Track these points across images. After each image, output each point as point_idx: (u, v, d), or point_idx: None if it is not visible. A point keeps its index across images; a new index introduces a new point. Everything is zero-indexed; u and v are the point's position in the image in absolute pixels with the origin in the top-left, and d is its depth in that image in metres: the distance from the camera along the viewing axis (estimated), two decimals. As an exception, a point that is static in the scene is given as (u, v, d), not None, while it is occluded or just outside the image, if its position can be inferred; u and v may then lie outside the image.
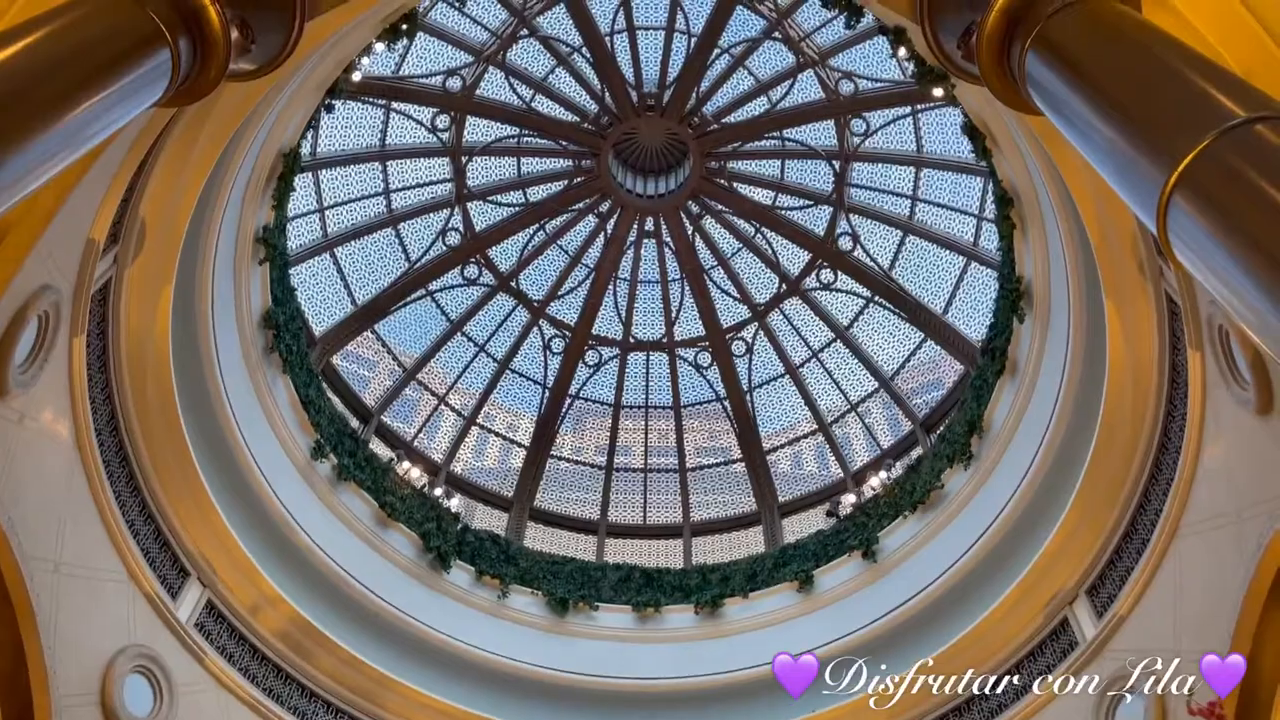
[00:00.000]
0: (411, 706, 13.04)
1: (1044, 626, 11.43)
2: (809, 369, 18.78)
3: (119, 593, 10.23)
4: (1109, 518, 10.70)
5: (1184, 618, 9.25)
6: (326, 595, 13.29)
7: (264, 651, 12.13)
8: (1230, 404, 8.31)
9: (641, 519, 18.74)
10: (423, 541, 15.21)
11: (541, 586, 15.69)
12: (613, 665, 14.66)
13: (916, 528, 14.35)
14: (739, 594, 15.59)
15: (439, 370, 19.34)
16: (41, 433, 9.06)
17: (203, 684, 11.08)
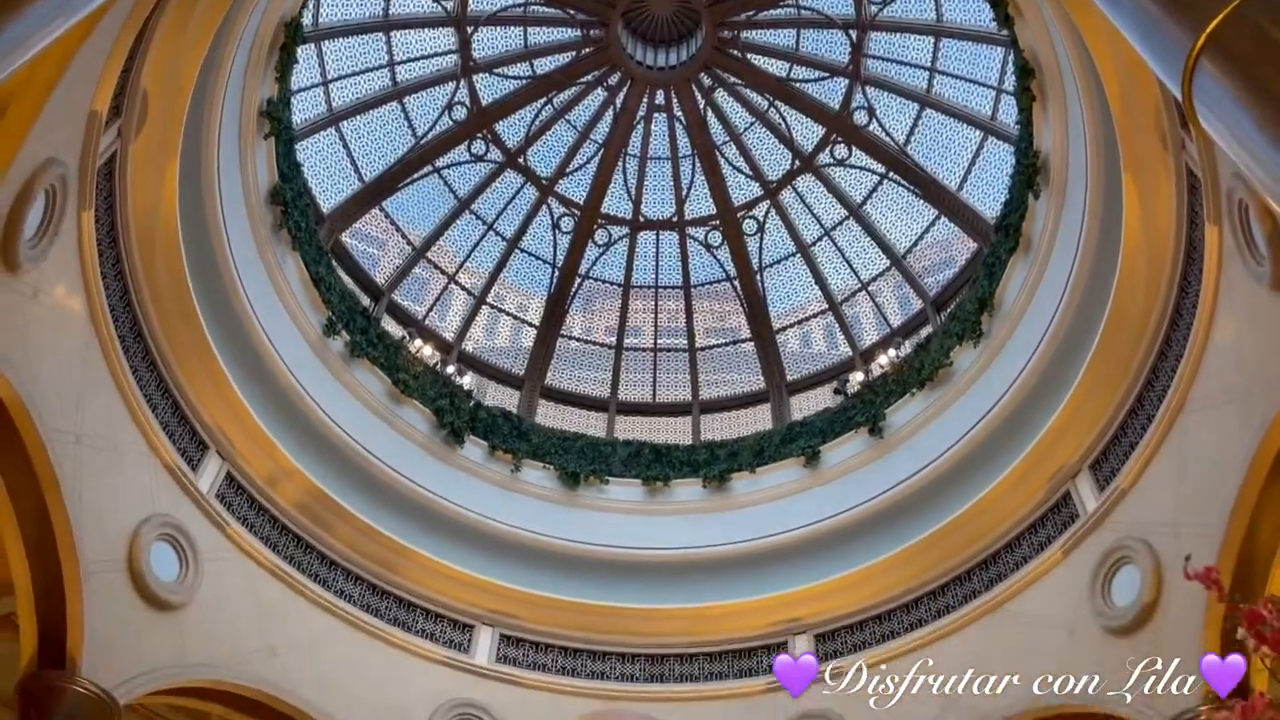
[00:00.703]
0: (428, 574, 13.45)
1: (1046, 500, 11.63)
2: (820, 247, 18.66)
3: (140, 464, 10.47)
4: (1116, 393, 10.76)
5: (1185, 492, 9.39)
6: (342, 469, 13.58)
7: (284, 522, 12.47)
8: (1245, 279, 8.25)
9: (651, 397, 18.95)
10: (436, 418, 15.44)
11: (553, 461, 15.99)
12: (622, 536, 15.04)
13: (923, 405, 14.48)
14: (746, 469, 15.86)
15: (448, 249, 19.27)
16: (55, 307, 9.12)
17: (226, 552, 11.43)
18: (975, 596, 11.97)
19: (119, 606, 9.95)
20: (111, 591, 9.87)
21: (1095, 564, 10.40)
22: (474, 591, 13.67)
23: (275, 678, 11.38)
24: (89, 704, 9.40)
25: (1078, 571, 10.63)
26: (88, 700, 9.39)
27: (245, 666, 11.18)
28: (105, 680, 9.61)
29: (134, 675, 9.97)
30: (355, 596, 12.83)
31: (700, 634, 13.73)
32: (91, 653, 9.55)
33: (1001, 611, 11.49)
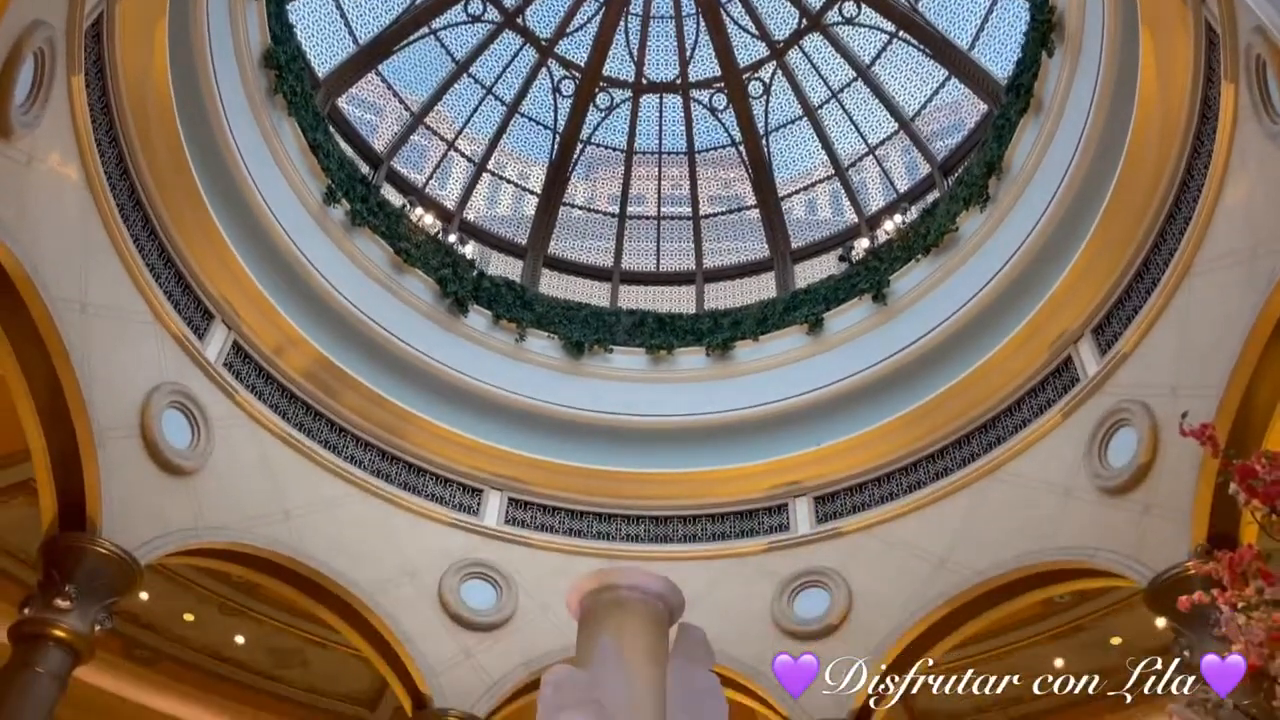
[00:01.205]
0: (436, 440, 13.69)
1: (1047, 365, 11.69)
2: (827, 110, 18.23)
3: (146, 333, 10.52)
4: (1122, 257, 10.70)
5: (1185, 355, 9.43)
6: (348, 337, 13.65)
7: (292, 390, 12.62)
8: (1259, 138, 8.09)
9: (655, 265, 18.87)
10: (439, 287, 15.43)
11: (557, 330, 16.06)
12: (627, 404, 15.23)
13: (928, 271, 14.42)
14: (749, 337, 15.93)
15: (447, 115, 18.88)
16: (51, 174, 9.00)
17: (236, 419, 11.61)
18: (973, 459, 12.18)
19: (134, 472, 10.16)
20: (126, 457, 10.07)
21: (1093, 426, 10.53)
22: (481, 457, 13.93)
23: (289, 540, 11.71)
24: (111, 564, 9.71)
25: (1075, 434, 10.78)
26: (109, 560, 9.69)
27: (260, 529, 11.49)
28: (125, 542, 9.90)
29: (153, 538, 10.27)
30: (365, 462, 13.08)
31: (703, 497, 14.05)
32: (110, 516, 9.81)
33: (999, 474, 11.71)
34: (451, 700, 12.14)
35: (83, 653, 9.37)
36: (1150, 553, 9.47)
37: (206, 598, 13.12)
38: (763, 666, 12.32)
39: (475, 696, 12.27)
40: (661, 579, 6.33)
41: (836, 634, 12.25)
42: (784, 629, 12.50)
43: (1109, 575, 10.14)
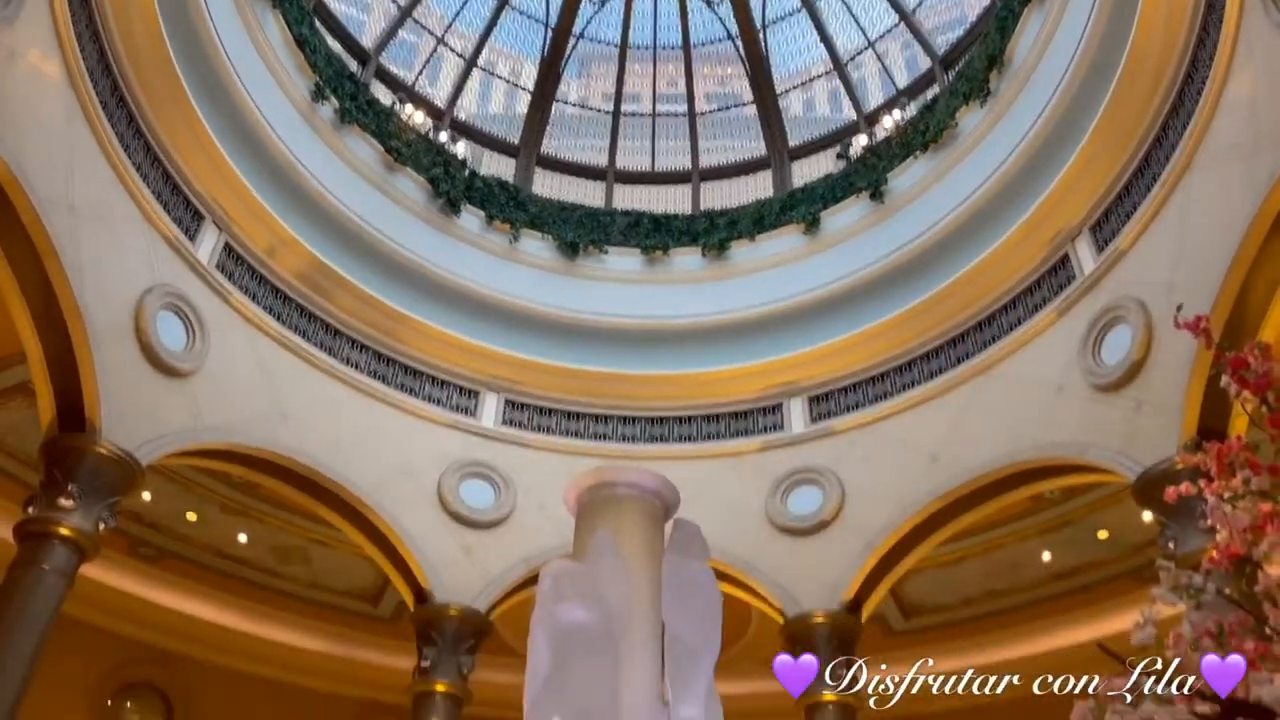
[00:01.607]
0: (430, 341, 13.70)
1: (1044, 263, 11.65)
2: (826, 2, 17.77)
3: (137, 233, 10.42)
4: (1123, 153, 10.56)
5: (1183, 252, 9.39)
6: (340, 238, 13.54)
7: (285, 291, 12.56)
8: (1266, 29, 7.92)
9: (650, 165, 18.63)
10: (431, 187, 15.24)
11: (551, 231, 15.93)
12: (622, 305, 15.20)
13: (926, 168, 14.25)
14: (746, 237, 15.83)
15: (435, 9, 18.39)
16: (32, 72, 8.80)
17: (231, 321, 11.58)
18: (968, 358, 12.23)
19: (131, 373, 10.18)
20: (122, 358, 10.08)
21: (1088, 324, 10.55)
22: (477, 358, 13.97)
23: (288, 440, 11.80)
24: (111, 464, 9.80)
25: (1070, 332, 10.81)
26: (110, 461, 9.78)
27: (258, 430, 11.57)
28: (125, 443, 9.97)
29: (152, 438, 10.34)
30: (361, 364, 13.12)
31: (699, 397, 14.14)
32: (109, 417, 9.86)
33: (993, 372, 11.78)
34: (452, 595, 12.42)
35: (88, 550, 9.53)
36: (1140, 448, 9.59)
37: (208, 498, 13.30)
38: (757, 561, 12.60)
39: (475, 591, 12.55)
40: (657, 476, 6.40)
41: (829, 529, 12.48)
42: (778, 525, 12.73)
43: (1099, 470, 10.28)
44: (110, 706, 13.65)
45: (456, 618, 12.30)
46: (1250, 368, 3.37)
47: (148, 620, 13.95)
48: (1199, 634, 2.89)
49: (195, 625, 14.20)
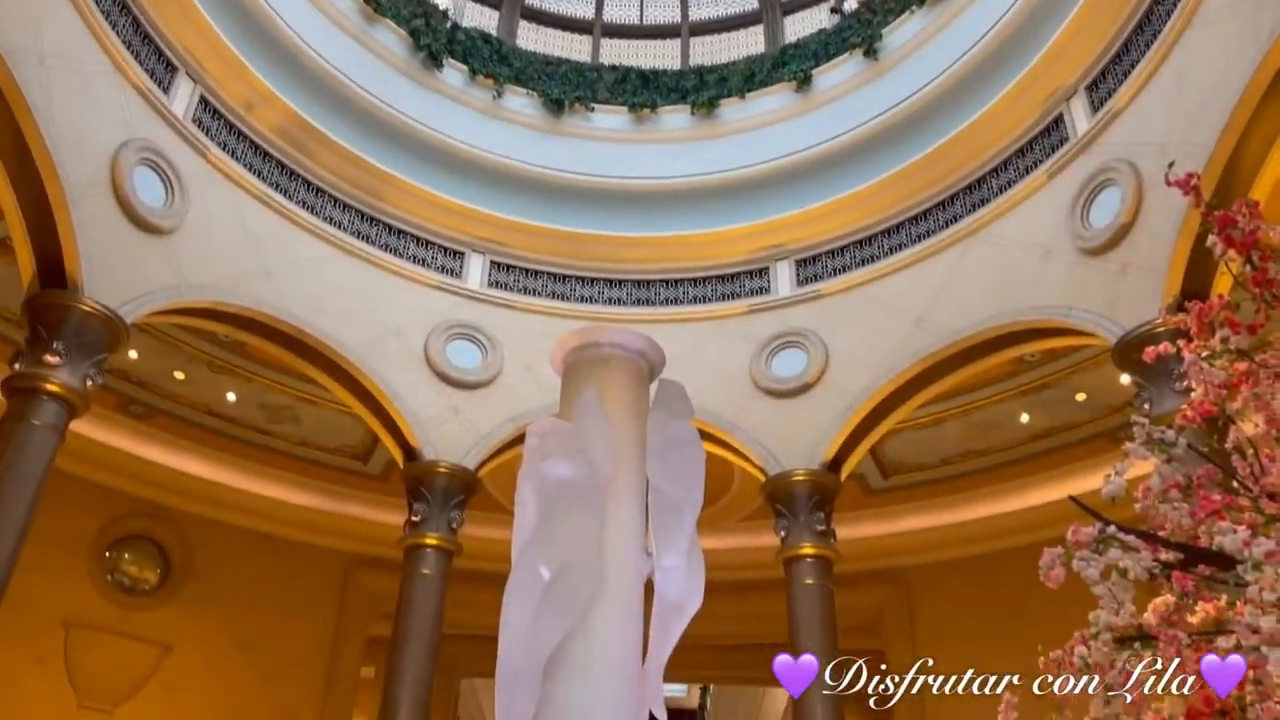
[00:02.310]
0: (415, 202, 13.53)
1: (1037, 124, 11.47)
2: None
3: (109, 85, 10.11)
4: (1123, 9, 10.26)
5: (1178, 113, 9.25)
6: (319, 93, 13.18)
7: (265, 148, 12.30)
8: (1280, -124, 7.60)
9: (638, 18, 18.05)
10: (412, 40, 14.75)
11: (536, 87, 15.54)
12: (609, 165, 14.97)
13: (922, 24, 13.85)
14: (736, 95, 15.47)
15: None
16: (-13, -90, 8.37)
17: (209, 177, 11.37)
18: (956, 221, 12.17)
19: (110, 230, 10.05)
20: (100, 215, 9.93)
21: (1078, 187, 10.47)
22: (462, 219, 13.82)
23: (272, 299, 11.77)
24: (95, 321, 9.77)
25: (1060, 195, 10.74)
26: (94, 318, 9.75)
27: (242, 289, 11.52)
28: (108, 300, 9.92)
29: (136, 296, 10.29)
30: (345, 223, 12.96)
31: (686, 260, 14.09)
32: (90, 274, 9.79)
33: (981, 235, 11.75)
34: (442, 453, 12.63)
35: (77, 407, 9.61)
36: (1122, 311, 9.67)
37: (195, 356, 13.34)
38: (740, 421, 12.82)
39: (464, 450, 12.76)
40: (643, 336, 6.44)
41: (812, 391, 12.66)
42: (762, 387, 12.90)
43: (1081, 334, 10.38)
44: (108, 558, 14.01)
45: (446, 474, 12.55)
46: (1238, 225, 3.37)
47: (141, 475, 14.19)
48: (1168, 486, 2.97)
49: (188, 481, 14.46)
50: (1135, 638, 2.74)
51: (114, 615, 13.69)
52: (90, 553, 13.81)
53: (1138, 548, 2.71)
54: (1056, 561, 2.78)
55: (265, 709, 12.72)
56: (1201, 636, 2.70)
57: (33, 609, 12.56)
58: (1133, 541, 2.72)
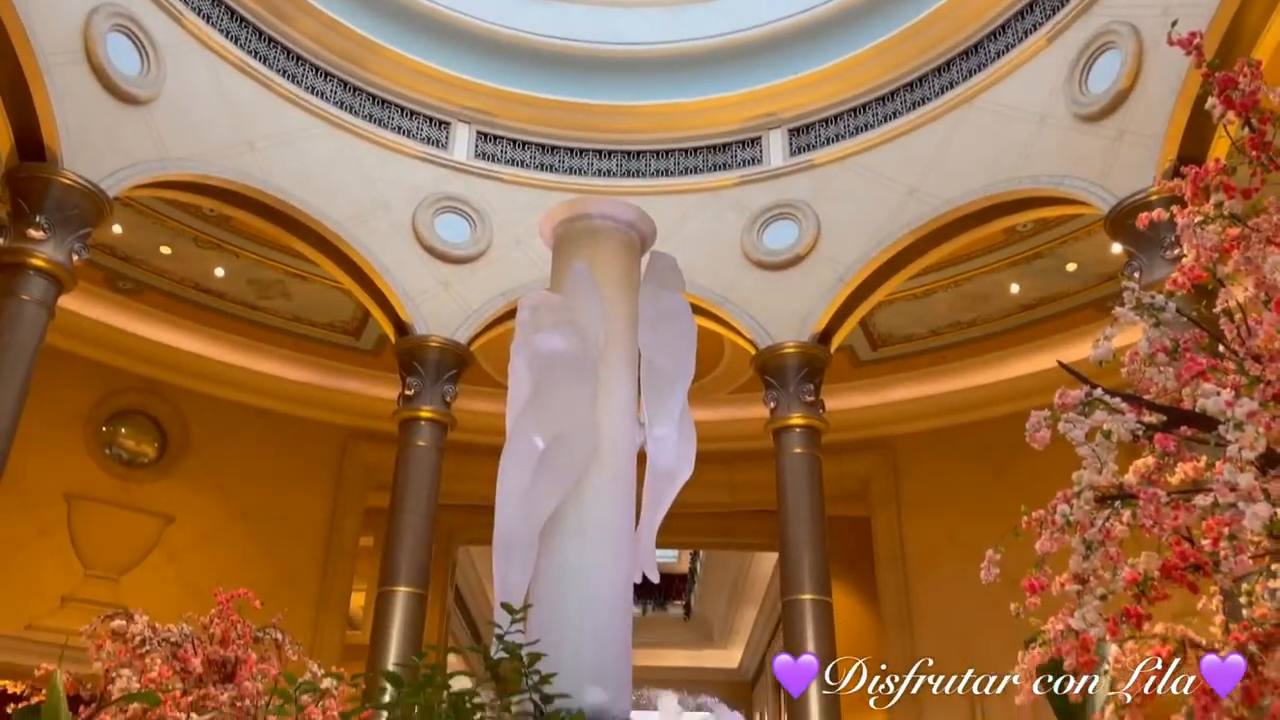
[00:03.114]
0: (399, 70, 13.16)
1: (1038, -16, 11.15)
2: None
3: (75, -52, 9.71)
4: None
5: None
6: (295, -45, 12.66)
7: (241, 14, 11.87)
8: None
9: (626, -128, 17.21)
10: (391, -103, 14.10)
11: (521, -52, 14.95)
12: (598, 30, 14.52)
13: (923, -122, 13.26)
14: (728, -42, 14.93)
15: None
16: None
17: (186, 45, 11.02)
18: (952, 88, 11.93)
19: (87, 100, 9.80)
20: (76, 84, 9.67)
21: (1078, 50, 10.23)
22: (447, 88, 13.49)
23: (256, 172, 11.58)
24: (77, 195, 9.64)
25: (1059, 59, 10.50)
26: (75, 191, 9.61)
27: (224, 161, 11.32)
28: (89, 173, 9.76)
29: (117, 169, 10.11)
30: (328, 93, 12.64)
31: (677, 129, 13.84)
32: (69, 146, 9.60)
33: (976, 102, 11.54)
34: (433, 328, 12.65)
35: (65, 282, 9.56)
36: (1116, 179, 9.60)
37: (181, 231, 13.19)
38: (731, 294, 12.83)
39: (455, 324, 12.78)
40: (633, 207, 6.38)
41: (803, 263, 12.64)
42: (753, 260, 12.87)
43: (1074, 202, 10.33)
44: (105, 432, 14.16)
45: (437, 349, 12.61)
46: (1238, 86, 3.31)
47: (134, 351, 14.21)
48: (1155, 350, 3.01)
49: (180, 356, 14.49)
50: (1116, 496, 2.81)
51: (114, 488, 13.92)
52: (87, 427, 13.94)
53: (1122, 410, 2.76)
54: (1043, 424, 2.83)
55: (268, 576, 13.04)
56: (1180, 495, 2.78)
57: (34, 482, 12.76)
58: (1118, 404, 2.76)
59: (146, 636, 7.41)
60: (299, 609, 12.96)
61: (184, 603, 8.66)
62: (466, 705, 2.84)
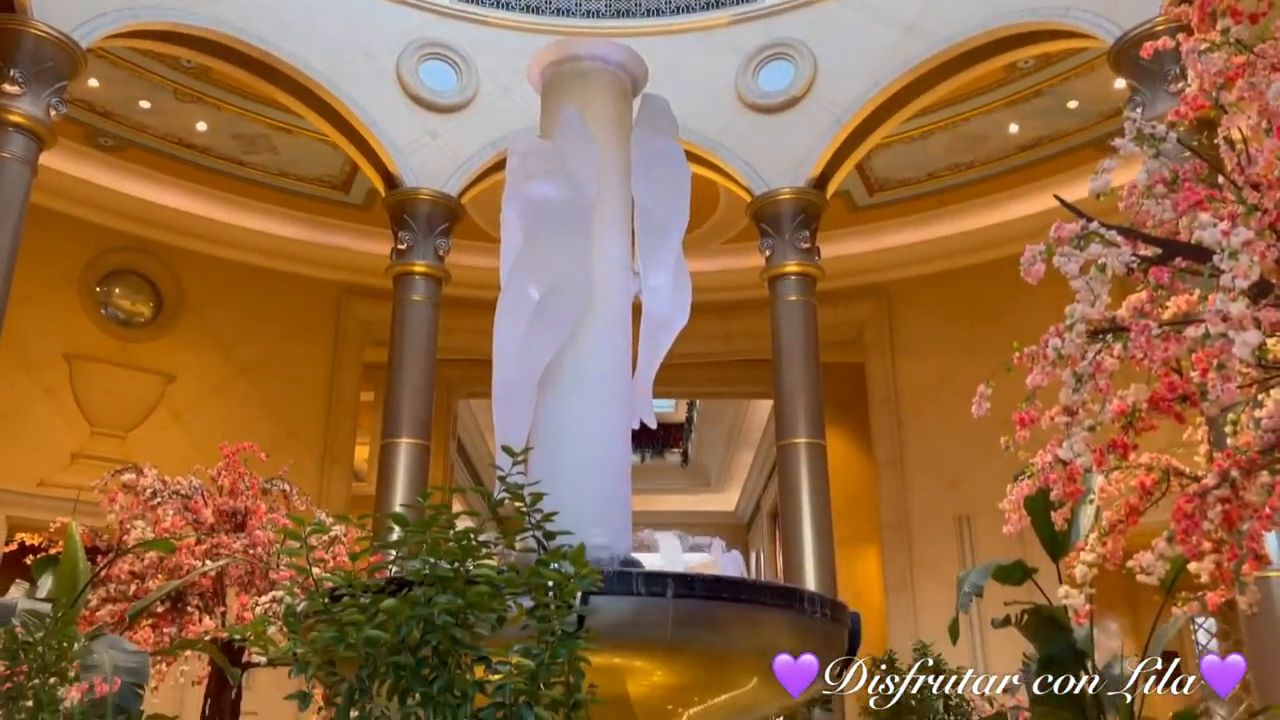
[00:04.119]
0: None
1: None
2: None
3: None
4: None
5: None
6: None
7: None
8: None
9: None
10: None
11: None
12: None
13: None
14: None
15: None
16: None
17: (148, -117, 10.47)
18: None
19: (49, -54, 9.38)
20: (36, -71, 9.24)
21: (1086, -127, 9.77)
22: (427, -75, 12.89)
23: (233, 19, 11.18)
24: (49, 46, 9.32)
25: None
26: (47, 42, 9.30)
27: (200, 8, 10.91)
28: (60, 23, 9.43)
29: (89, 18, 9.77)
30: (302, -68, 12.09)
31: (666, -33, 13.31)
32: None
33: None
34: (422, 180, 12.47)
35: (44, 138, 9.36)
36: (1122, 10, 9.30)
37: (159, 84, 12.80)
38: (725, 139, 12.60)
39: (445, 176, 12.59)
40: (624, 47, 6.18)
41: (799, 105, 12.38)
42: (747, 103, 12.58)
43: (1078, 35, 10.03)
44: (99, 292, 14.11)
45: (428, 201, 12.46)
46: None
47: (122, 210, 14.02)
48: (1153, 181, 2.98)
49: (170, 215, 14.31)
50: (1107, 330, 2.84)
51: (113, 348, 13.98)
52: (80, 287, 13.90)
53: (1117, 243, 2.75)
54: (1038, 258, 2.83)
55: (270, 431, 13.25)
56: (1171, 327, 2.80)
57: (33, 342, 12.83)
58: (1113, 237, 2.75)
59: (157, 489, 7.63)
60: (304, 463, 13.21)
61: (191, 459, 8.87)
62: (471, 542, 2.93)
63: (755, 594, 4.83)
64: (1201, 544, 3.07)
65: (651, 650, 4.30)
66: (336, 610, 2.88)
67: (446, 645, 2.77)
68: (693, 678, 4.55)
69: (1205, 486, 3.03)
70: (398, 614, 2.75)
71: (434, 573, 2.86)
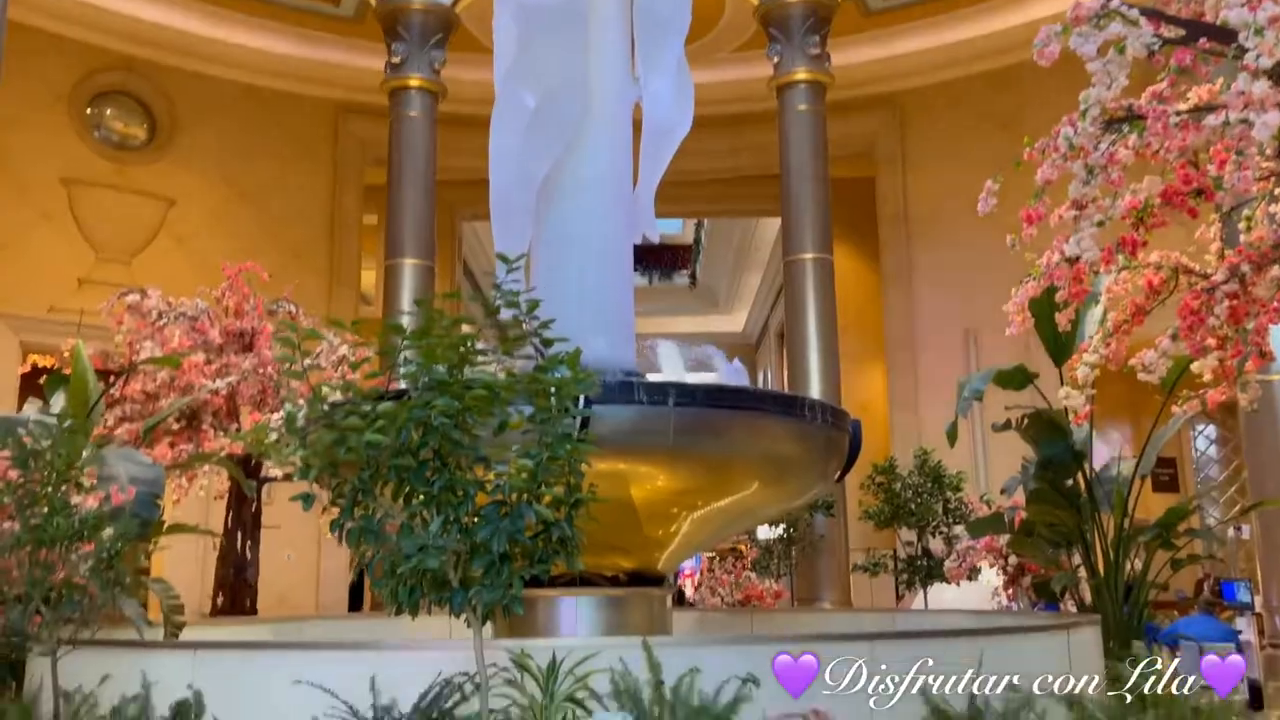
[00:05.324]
0: None
1: None
2: None
3: None
4: None
5: None
6: None
7: None
8: None
9: None
10: None
11: None
12: None
13: None
14: None
15: None
16: None
17: None
18: None
19: None
20: None
21: None
22: None
23: None
24: None
25: None
26: None
27: None
28: None
29: None
30: None
31: None
32: None
33: None
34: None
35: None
36: None
37: (131, -112, 12.11)
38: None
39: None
40: None
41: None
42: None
43: None
44: (91, 114, 13.76)
45: (421, 11, 11.99)
46: None
47: (108, 27, 13.44)
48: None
49: (156, 31, 13.70)
50: (1123, 119, 2.71)
51: (110, 171, 13.74)
52: (70, 108, 13.53)
53: (1138, 22, 2.59)
54: (1053, 39, 2.67)
55: (274, 253, 13.11)
56: (1190, 115, 2.68)
57: (28, 167, 12.63)
58: (1135, 15, 2.58)
59: (162, 310, 7.66)
60: (310, 285, 13.14)
61: (196, 284, 8.84)
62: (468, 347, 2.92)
63: (757, 402, 4.88)
64: (1206, 340, 3.04)
65: (654, 456, 4.38)
66: (337, 416, 2.89)
67: (446, 447, 2.79)
68: (695, 482, 4.66)
69: (1214, 282, 2.98)
70: (395, 417, 2.77)
71: (432, 376, 2.86)
